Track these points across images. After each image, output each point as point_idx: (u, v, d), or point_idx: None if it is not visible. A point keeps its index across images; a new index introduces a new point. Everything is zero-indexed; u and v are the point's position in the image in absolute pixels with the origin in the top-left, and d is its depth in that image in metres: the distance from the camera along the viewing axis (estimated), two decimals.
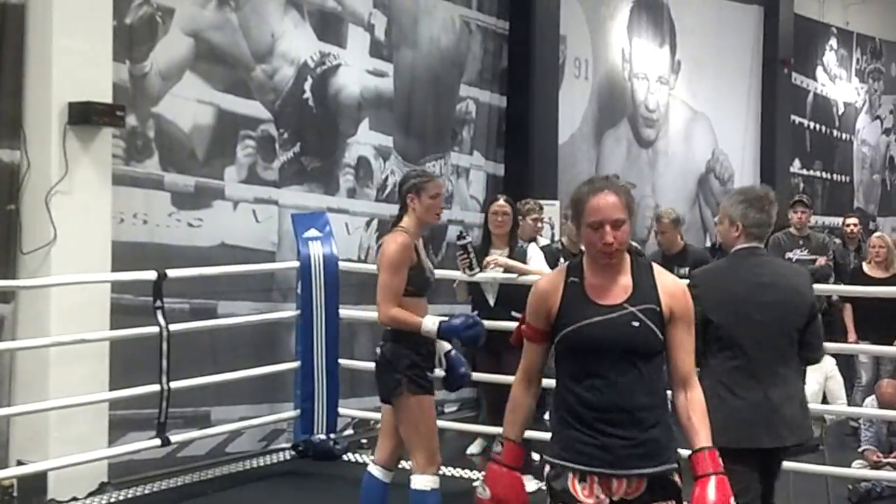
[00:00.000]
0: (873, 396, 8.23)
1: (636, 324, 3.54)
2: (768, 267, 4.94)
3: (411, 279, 5.52)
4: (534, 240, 8.18)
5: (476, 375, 7.48)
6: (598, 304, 3.57)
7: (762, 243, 5.03)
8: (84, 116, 6.89)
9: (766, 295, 4.70)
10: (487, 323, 7.27)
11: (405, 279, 5.49)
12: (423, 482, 5.50)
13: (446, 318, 5.55)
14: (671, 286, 3.66)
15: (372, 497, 5.69)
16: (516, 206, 7.76)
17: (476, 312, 7.38)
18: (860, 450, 8.00)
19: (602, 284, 3.61)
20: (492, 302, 7.54)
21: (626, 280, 3.62)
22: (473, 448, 8.46)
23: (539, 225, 8.63)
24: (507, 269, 7.40)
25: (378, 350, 5.72)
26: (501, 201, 7.58)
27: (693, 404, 3.64)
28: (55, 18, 6.87)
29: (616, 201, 3.55)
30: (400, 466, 5.82)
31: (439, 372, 5.68)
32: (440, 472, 5.59)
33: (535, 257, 7.56)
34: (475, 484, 6.35)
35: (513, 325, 6.77)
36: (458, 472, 7.82)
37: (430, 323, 5.46)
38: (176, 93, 7.89)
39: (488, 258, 7.38)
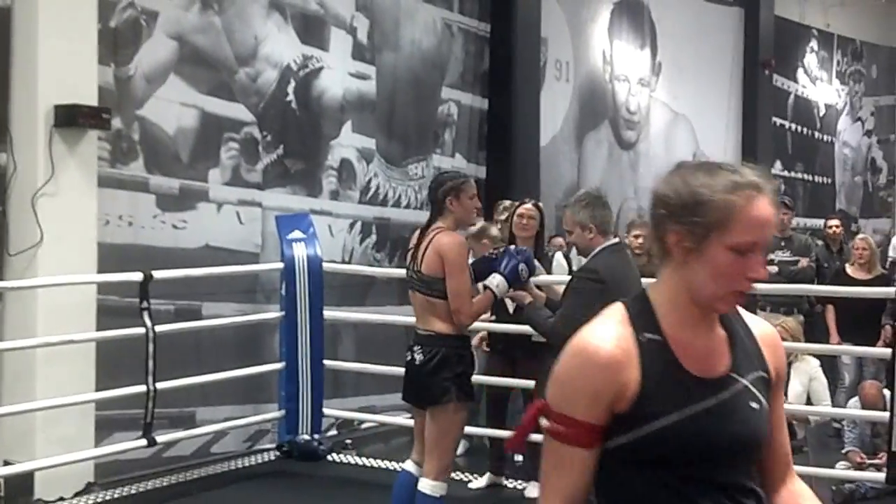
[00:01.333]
0: (857, 398, 8.29)
1: (755, 405, 2.28)
2: (631, 260, 5.36)
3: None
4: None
5: (485, 379, 7.57)
6: (699, 378, 2.23)
7: None
8: (70, 119, 6.94)
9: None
10: (505, 327, 7.41)
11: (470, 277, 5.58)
12: (432, 488, 5.50)
13: (495, 271, 5.61)
14: (770, 336, 2.42)
15: (404, 493, 5.69)
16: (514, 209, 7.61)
17: (493, 318, 7.42)
18: (844, 451, 8.05)
19: (695, 343, 2.26)
20: (511, 308, 7.27)
21: (720, 332, 2.32)
22: (479, 483, 7.81)
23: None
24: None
25: (415, 354, 5.58)
26: (529, 205, 7.38)
27: (805, 498, 2.46)
28: (41, 21, 6.92)
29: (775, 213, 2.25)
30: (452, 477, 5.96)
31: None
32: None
33: (560, 268, 7.47)
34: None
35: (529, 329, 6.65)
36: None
37: (495, 283, 5.58)
38: (160, 95, 7.96)
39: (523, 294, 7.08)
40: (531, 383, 7.37)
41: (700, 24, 14.75)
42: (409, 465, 5.77)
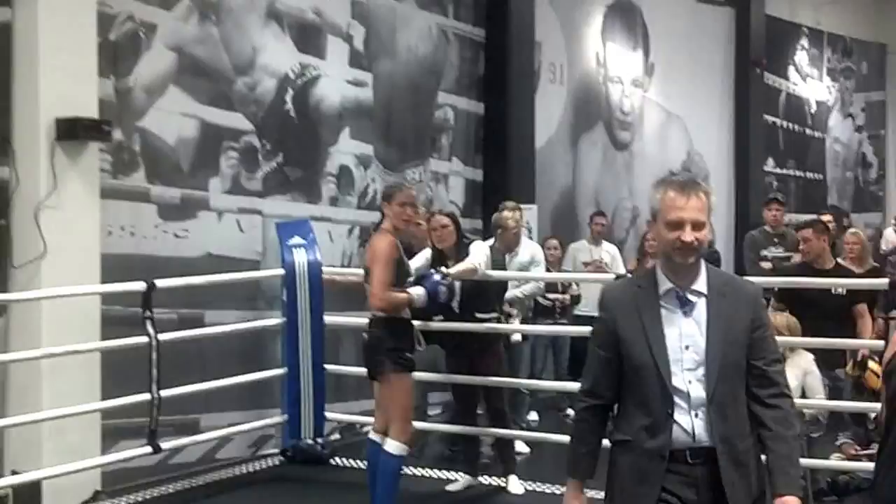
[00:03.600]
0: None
1: None
2: None
3: (396, 274, 6.38)
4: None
5: (450, 377, 7.78)
6: None
7: None
8: (71, 132, 7.00)
9: None
10: (454, 325, 7.55)
11: (394, 272, 6.36)
12: (395, 447, 6.44)
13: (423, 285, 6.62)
14: None
15: (373, 458, 6.65)
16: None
17: (441, 318, 7.54)
18: (838, 443, 8.11)
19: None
20: (456, 307, 7.44)
21: None
22: (455, 486, 7.89)
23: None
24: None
25: (364, 335, 6.65)
26: (441, 217, 7.59)
27: None
28: (41, 36, 6.98)
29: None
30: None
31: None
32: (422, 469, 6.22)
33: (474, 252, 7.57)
34: None
35: (475, 326, 7.50)
36: (435, 472, 8.04)
37: (416, 292, 6.53)
38: (160, 106, 8.03)
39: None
40: (491, 379, 7.55)
41: (692, 24, 14.83)
42: (371, 435, 6.73)
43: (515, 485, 7.62)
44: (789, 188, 17.22)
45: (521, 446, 8.47)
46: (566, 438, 7.92)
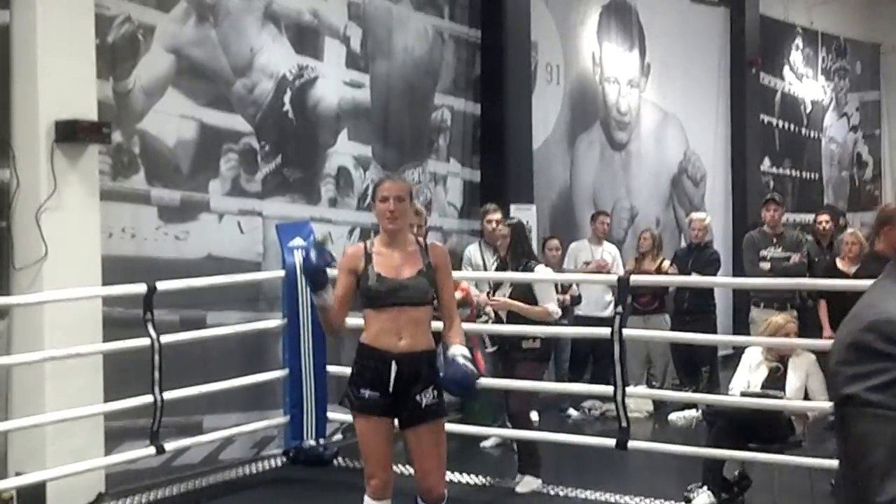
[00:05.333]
0: None
1: None
2: None
3: (360, 288, 5.35)
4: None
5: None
6: None
7: None
8: (71, 134, 7.02)
9: None
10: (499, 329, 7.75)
11: (343, 284, 5.39)
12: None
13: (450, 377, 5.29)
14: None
15: None
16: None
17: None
18: None
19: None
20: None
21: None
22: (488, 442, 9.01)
23: (496, 227, 8.79)
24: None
25: None
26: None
27: None
28: (39, 38, 7.00)
29: None
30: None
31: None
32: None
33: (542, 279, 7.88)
34: None
35: (521, 329, 7.62)
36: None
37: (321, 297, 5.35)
38: (159, 108, 8.04)
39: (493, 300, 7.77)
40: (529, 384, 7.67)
41: (687, 24, 14.84)
42: None
43: (525, 484, 7.68)
44: (786, 188, 17.23)
45: None
46: (567, 438, 8.00)
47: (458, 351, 5.24)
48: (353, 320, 5.54)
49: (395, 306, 5.26)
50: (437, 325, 5.64)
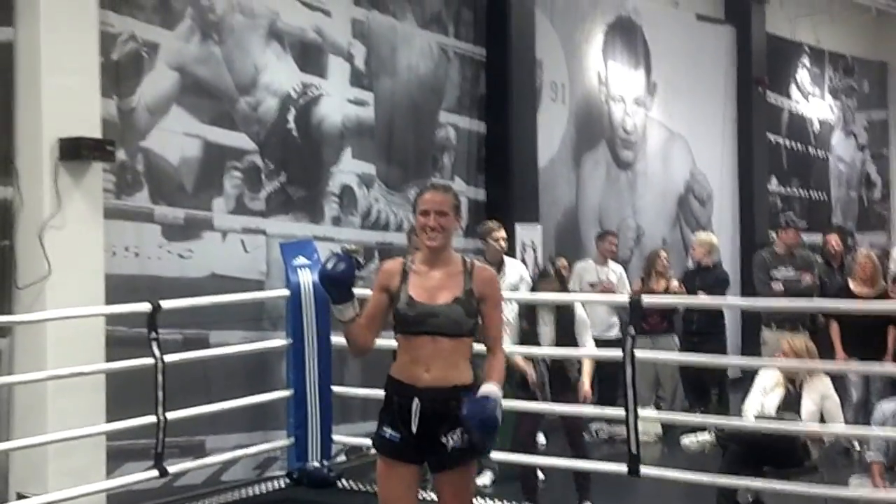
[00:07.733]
0: (880, 411, 7.80)
1: None
2: None
3: (393, 312, 4.84)
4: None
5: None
6: None
7: None
8: (75, 152, 7.00)
9: None
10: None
11: (374, 302, 4.90)
12: None
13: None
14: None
15: None
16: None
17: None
18: (869, 460, 7.47)
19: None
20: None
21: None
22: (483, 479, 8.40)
23: (503, 245, 8.71)
24: None
25: None
26: None
27: None
28: (43, 56, 6.99)
29: None
30: None
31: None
32: None
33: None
34: None
35: (570, 352, 7.54)
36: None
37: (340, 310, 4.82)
38: (163, 126, 8.02)
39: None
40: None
41: (693, 43, 14.79)
42: None
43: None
44: (794, 207, 17.17)
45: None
46: (577, 464, 7.82)
47: (488, 389, 4.60)
48: (383, 341, 5.06)
49: (425, 335, 4.72)
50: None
